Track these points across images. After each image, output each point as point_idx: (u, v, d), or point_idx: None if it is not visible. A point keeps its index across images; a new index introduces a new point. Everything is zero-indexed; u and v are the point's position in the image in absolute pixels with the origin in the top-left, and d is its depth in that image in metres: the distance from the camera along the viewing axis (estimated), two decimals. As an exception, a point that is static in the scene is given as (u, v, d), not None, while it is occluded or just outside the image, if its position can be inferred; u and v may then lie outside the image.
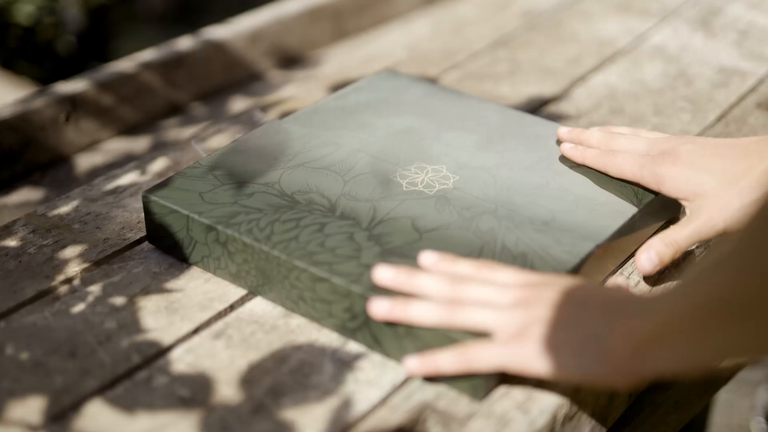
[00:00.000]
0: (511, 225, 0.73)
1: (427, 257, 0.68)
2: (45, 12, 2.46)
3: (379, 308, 0.65)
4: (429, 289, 0.66)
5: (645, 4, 1.31)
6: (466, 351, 0.63)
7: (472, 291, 0.65)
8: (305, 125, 0.86)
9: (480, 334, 0.64)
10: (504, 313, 0.64)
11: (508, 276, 0.66)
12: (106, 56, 2.47)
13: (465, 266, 0.68)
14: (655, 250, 0.74)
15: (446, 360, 0.63)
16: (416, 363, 0.64)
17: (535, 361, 0.62)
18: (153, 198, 0.75)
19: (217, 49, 1.20)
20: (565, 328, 0.61)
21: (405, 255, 0.69)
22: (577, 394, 0.66)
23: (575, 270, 0.70)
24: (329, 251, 0.69)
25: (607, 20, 1.26)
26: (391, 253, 0.69)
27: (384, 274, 0.66)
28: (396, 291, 0.66)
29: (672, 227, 0.75)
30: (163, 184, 0.77)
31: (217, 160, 0.80)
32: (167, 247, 0.76)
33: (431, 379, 0.65)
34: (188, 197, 0.75)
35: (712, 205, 0.73)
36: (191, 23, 1.36)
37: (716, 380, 0.94)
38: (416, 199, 0.76)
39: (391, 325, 0.65)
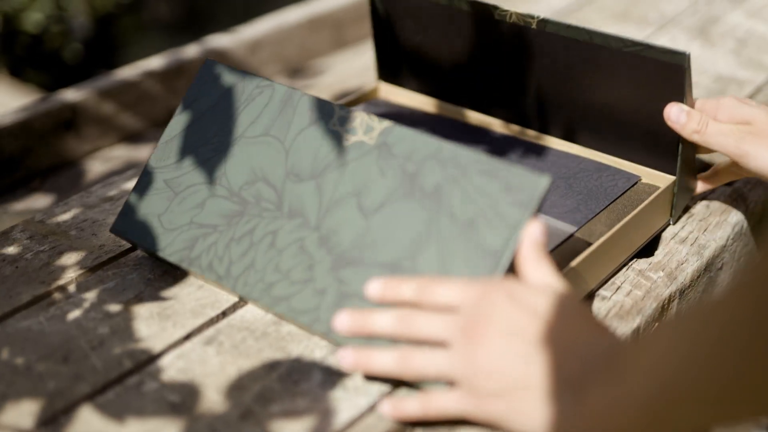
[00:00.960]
0: (456, 173, 0.66)
1: (372, 290, 0.66)
2: (53, 20, 2.48)
3: (346, 361, 0.65)
4: (383, 329, 0.65)
5: (643, 12, 1.31)
6: (430, 399, 0.62)
7: (420, 325, 0.63)
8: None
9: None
10: (452, 357, 0.62)
11: (450, 294, 0.63)
12: (114, 64, 2.49)
13: (408, 290, 0.65)
14: (687, 112, 0.77)
15: (414, 408, 0.62)
16: (388, 408, 0.63)
17: (498, 421, 0.61)
18: (120, 236, 0.76)
19: (218, 57, 1.21)
20: (520, 398, 0.59)
21: (356, 262, 0.67)
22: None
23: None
24: (285, 276, 0.69)
25: (605, 28, 1.26)
26: (342, 261, 0.68)
27: (342, 324, 0.65)
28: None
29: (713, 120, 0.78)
30: (124, 211, 0.76)
31: (162, 156, 0.77)
32: (158, 259, 0.77)
33: (410, 384, 0.65)
34: (148, 227, 0.75)
35: (760, 143, 0.76)
36: (198, 32, 1.37)
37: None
38: (359, 158, 0.70)
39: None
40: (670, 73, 0.77)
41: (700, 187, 0.86)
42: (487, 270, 0.64)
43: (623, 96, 0.81)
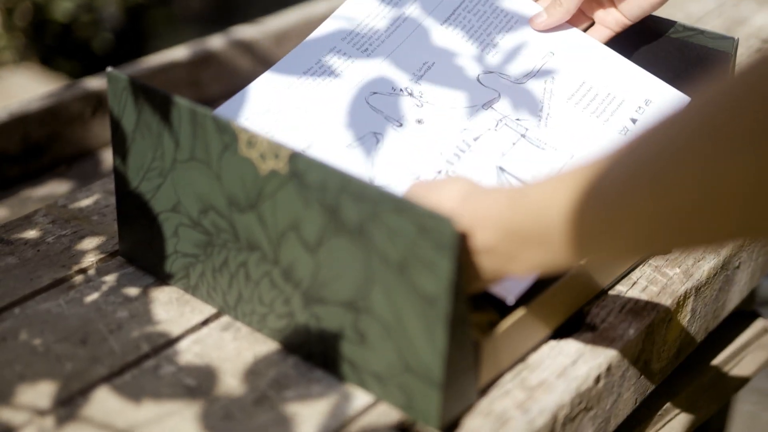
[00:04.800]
0: (370, 209, 0.61)
1: None
2: (83, 9, 2.50)
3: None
4: None
5: (670, 12, 1.31)
6: None
7: None
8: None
9: None
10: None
11: None
12: (143, 55, 2.50)
13: None
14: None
15: None
16: None
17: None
18: (129, 262, 0.77)
19: (244, 48, 1.22)
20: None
21: (321, 300, 0.65)
22: (580, 394, 0.66)
23: None
24: (270, 309, 0.68)
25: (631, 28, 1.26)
26: (310, 298, 0.65)
27: None
28: None
29: None
30: (121, 236, 0.76)
31: (123, 182, 0.74)
32: None
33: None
34: (145, 254, 0.75)
35: None
36: (228, 23, 1.38)
37: (726, 387, 0.94)
38: (280, 189, 0.65)
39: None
40: (715, 59, 0.77)
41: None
42: (432, 314, 0.60)
43: (667, 81, 0.81)
